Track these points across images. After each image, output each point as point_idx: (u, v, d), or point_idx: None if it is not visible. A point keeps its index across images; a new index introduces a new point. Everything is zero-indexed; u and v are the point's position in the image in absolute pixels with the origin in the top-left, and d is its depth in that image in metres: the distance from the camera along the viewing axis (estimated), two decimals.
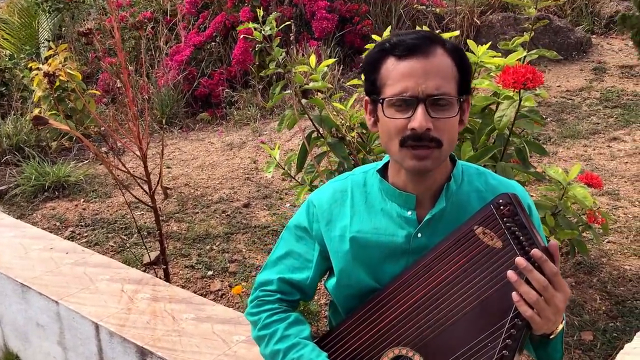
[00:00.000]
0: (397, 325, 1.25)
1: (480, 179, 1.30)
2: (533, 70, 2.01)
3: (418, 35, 1.18)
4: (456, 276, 1.20)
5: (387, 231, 1.28)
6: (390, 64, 1.17)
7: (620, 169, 3.85)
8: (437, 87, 1.14)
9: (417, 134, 1.14)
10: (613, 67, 5.83)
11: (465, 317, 1.19)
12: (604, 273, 2.77)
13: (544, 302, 1.07)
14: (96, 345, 2.12)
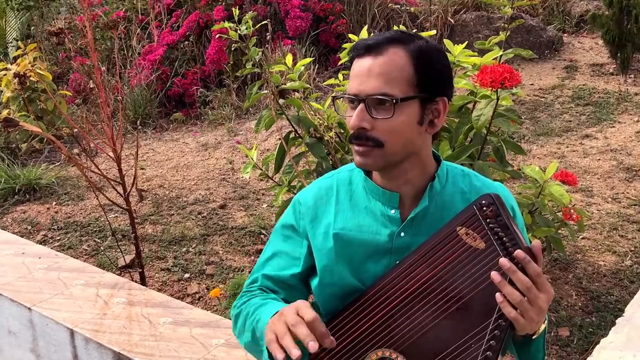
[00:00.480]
0: (380, 328, 1.24)
1: (465, 180, 1.30)
2: (510, 70, 2.02)
3: (378, 37, 1.18)
4: (439, 277, 1.19)
5: (371, 229, 1.27)
6: (353, 64, 1.20)
7: (593, 166, 3.91)
8: (377, 87, 1.14)
9: (354, 133, 1.17)
10: (584, 66, 5.92)
11: (449, 319, 1.19)
12: (579, 269, 2.80)
13: (528, 302, 1.07)
14: (71, 352, 2.08)
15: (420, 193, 1.25)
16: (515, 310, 1.08)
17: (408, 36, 1.20)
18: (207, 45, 6.60)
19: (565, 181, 2.53)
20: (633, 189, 3.54)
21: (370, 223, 1.27)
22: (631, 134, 4.33)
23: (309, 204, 1.33)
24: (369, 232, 1.27)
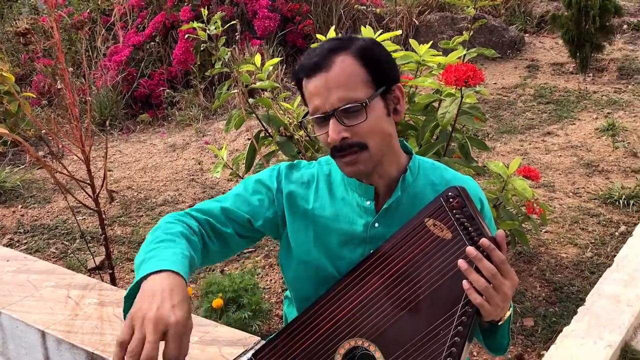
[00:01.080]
0: (353, 318, 1.27)
1: (435, 173, 1.35)
2: (474, 69, 2.08)
3: (319, 51, 1.21)
4: (409, 267, 1.23)
5: (347, 219, 1.31)
6: (304, 85, 1.22)
7: (555, 162, 4.02)
8: (341, 98, 1.17)
9: (336, 146, 1.20)
10: (545, 65, 6.07)
11: (419, 307, 1.23)
12: (543, 262, 2.89)
13: (493, 289, 1.12)
14: (42, 354, 2.07)
15: (393, 185, 1.30)
16: (481, 297, 1.12)
17: (346, 41, 1.23)
18: (174, 46, 6.57)
19: (528, 176, 2.61)
20: (593, 184, 3.66)
21: (347, 213, 1.31)
22: (590, 131, 4.46)
23: (291, 177, 1.35)
24: (346, 221, 1.31)
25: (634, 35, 6.52)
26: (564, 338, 2.20)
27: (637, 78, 5.55)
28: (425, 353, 1.21)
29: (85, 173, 2.85)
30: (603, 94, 5.22)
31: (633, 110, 4.79)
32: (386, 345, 1.25)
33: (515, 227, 2.32)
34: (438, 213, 1.21)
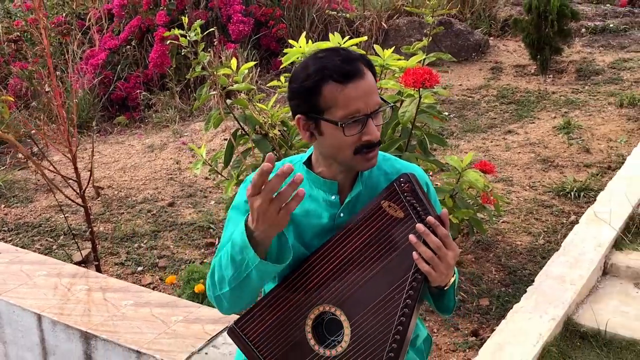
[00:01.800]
0: (321, 287, 1.48)
1: (387, 164, 1.56)
2: (430, 72, 2.31)
3: (348, 59, 1.36)
4: (368, 242, 1.45)
5: (315, 213, 1.50)
6: (334, 88, 1.34)
7: (514, 159, 4.29)
8: (376, 102, 1.36)
9: (372, 143, 1.38)
10: (508, 67, 6.37)
11: (376, 276, 1.44)
12: (499, 249, 3.14)
13: (438, 259, 1.33)
14: (38, 335, 2.24)
15: (353, 179, 1.51)
16: (428, 265, 1.34)
17: (357, 53, 1.43)
18: (149, 50, 6.72)
19: (484, 170, 2.86)
20: (548, 178, 3.93)
21: (315, 208, 1.51)
22: (548, 129, 4.75)
23: None
24: (314, 216, 1.51)
25: (591, 38, 6.86)
26: (514, 314, 2.44)
27: (593, 79, 5.87)
28: (383, 314, 1.43)
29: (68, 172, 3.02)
30: (561, 94, 5.52)
31: (588, 109, 5.10)
32: (349, 309, 1.47)
33: (470, 215, 2.55)
34: (392, 196, 1.43)
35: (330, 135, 1.37)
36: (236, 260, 1.34)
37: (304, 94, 1.37)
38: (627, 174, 3.46)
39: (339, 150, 1.39)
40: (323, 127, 1.37)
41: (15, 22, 8.20)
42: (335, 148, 1.39)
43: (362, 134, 1.35)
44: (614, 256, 2.83)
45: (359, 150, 1.37)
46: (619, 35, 6.84)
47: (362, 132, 1.35)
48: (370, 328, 1.44)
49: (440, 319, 2.61)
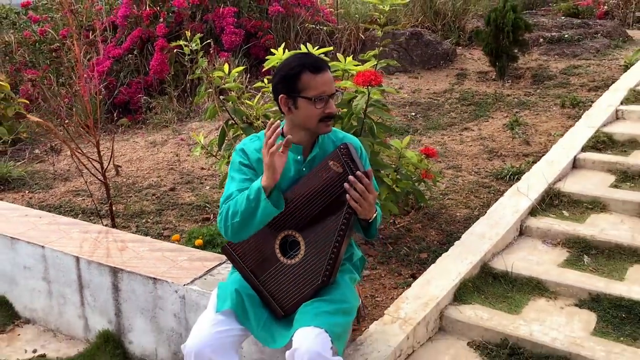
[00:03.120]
0: (285, 218, 2.20)
1: (334, 135, 2.29)
2: (375, 74, 3.03)
3: (318, 59, 2.14)
4: (318, 187, 2.16)
5: (286, 168, 2.21)
6: (309, 76, 2.08)
7: (465, 150, 5.02)
8: (334, 89, 2.13)
9: (331, 115, 2.13)
10: (472, 73, 7.12)
11: (322, 210, 2.16)
12: (442, 219, 3.86)
13: (363, 199, 2.05)
14: (76, 273, 2.94)
15: (312, 144, 2.23)
16: (356, 204, 2.06)
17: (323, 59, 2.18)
18: (150, 58, 7.43)
19: (427, 154, 3.59)
20: (491, 165, 4.66)
21: (290, 166, 2.23)
22: (499, 126, 5.49)
23: (251, 150, 2.25)
24: (286, 170, 2.22)
25: (548, 47, 7.63)
26: (442, 260, 3.16)
27: (546, 84, 6.62)
28: (326, 236, 2.15)
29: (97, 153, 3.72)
30: (515, 96, 6.27)
31: (537, 109, 5.84)
32: (304, 233, 2.19)
33: (409, 185, 3.28)
34: (335, 157, 2.15)
35: (304, 108, 2.12)
36: (250, 198, 2.08)
37: (288, 79, 2.12)
38: (549, 158, 4.20)
39: (309, 119, 2.13)
40: (299, 102, 2.12)
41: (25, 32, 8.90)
42: (307, 117, 2.13)
43: (325, 108, 2.10)
44: (529, 220, 3.56)
45: (322, 120, 2.13)
46: (572, 44, 7.61)
47: (325, 107, 2.09)
48: (317, 245, 2.16)
49: (388, 267, 3.33)
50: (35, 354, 2.97)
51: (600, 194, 3.73)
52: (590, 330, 2.73)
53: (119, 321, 2.87)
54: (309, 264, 2.18)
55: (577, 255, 3.28)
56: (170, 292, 2.65)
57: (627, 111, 4.90)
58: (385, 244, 3.61)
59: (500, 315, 2.82)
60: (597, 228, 3.43)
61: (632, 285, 2.95)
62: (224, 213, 2.15)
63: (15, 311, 3.28)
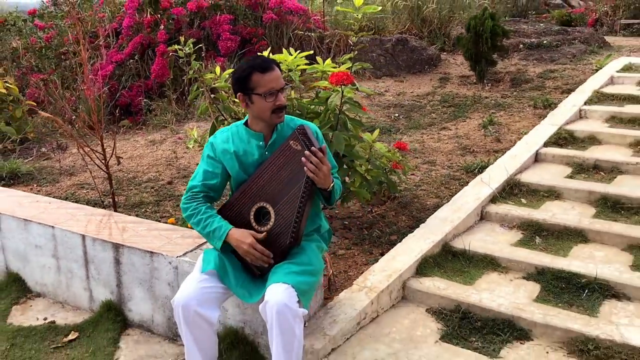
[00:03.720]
0: (257, 192, 2.59)
1: (292, 122, 2.69)
2: (347, 74, 3.43)
3: (265, 60, 2.54)
4: (282, 164, 2.56)
5: (251, 152, 2.62)
6: (258, 76, 2.50)
7: (442, 147, 5.42)
8: (282, 84, 2.53)
9: (282, 107, 2.52)
10: (454, 77, 7.52)
11: (287, 183, 2.55)
12: (414, 207, 4.25)
13: (318, 170, 2.45)
14: (82, 250, 3.33)
15: (272, 131, 2.62)
16: (313, 174, 2.46)
17: (273, 59, 2.58)
18: (150, 63, 7.84)
19: (400, 147, 3.98)
20: (463, 160, 5.05)
21: (251, 150, 2.63)
22: (474, 126, 5.88)
23: (218, 143, 2.66)
24: (250, 154, 2.62)
25: (527, 53, 8.03)
26: (407, 240, 3.55)
27: (523, 87, 7.02)
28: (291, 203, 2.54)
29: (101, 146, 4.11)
30: (493, 98, 6.67)
31: (511, 110, 6.24)
32: (273, 203, 2.58)
33: (379, 174, 3.67)
34: (294, 137, 2.55)
35: (257, 103, 2.53)
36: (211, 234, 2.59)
37: (241, 80, 2.55)
38: (512, 153, 4.59)
39: (263, 111, 2.54)
40: (253, 98, 2.53)
41: (31, 39, 9.33)
42: (261, 110, 2.55)
43: (275, 101, 2.49)
44: (489, 207, 3.95)
45: (274, 111, 2.53)
46: (551, 50, 8.02)
47: (275, 100, 2.49)
48: (284, 213, 2.56)
49: (361, 248, 3.71)
50: (46, 321, 3.36)
51: (555, 184, 4.12)
52: (533, 298, 3.12)
53: (120, 292, 3.27)
54: (278, 228, 2.57)
55: (530, 236, 3.67)
56: (165, 263, 3.04)
57: (589, 111, 5.30)
58: (361, 229, 4.00)
59: (455, 286, 3.21)
60: (550, 213, 3.82)
61: (573, 261, 3.34)
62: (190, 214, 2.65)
63: (27, 286, 3.67)
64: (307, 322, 2.85)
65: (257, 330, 2.86)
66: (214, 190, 2.70)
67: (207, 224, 2.59)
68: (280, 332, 2.33)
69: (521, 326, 2.93)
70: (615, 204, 3.87)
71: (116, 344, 3.12)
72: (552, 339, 2.86)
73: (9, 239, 3.64)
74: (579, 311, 2.98)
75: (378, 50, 7.68)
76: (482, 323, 2.99)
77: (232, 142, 2.66)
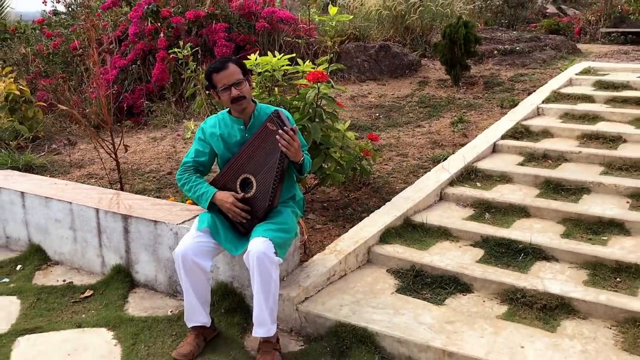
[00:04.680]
0: (242, 166, 3.18)
1: (267, 109, 3.29)
2: (322, 73, 4.03)
3: (221, 61, 3.15)
4: (261, 143, 3.15)
5: (234, 135, 3.23)
6: (215, 76, 3.12)
7: (415, 142, 6.02)
8: (235, 79, 3.11)
9: (234, 98, 3.12)
10: (432, 80, 8.14)
11: (264, 157, 3.14)
12: (384, 191, 4.84)
13: (290, 145, 3.04)
14: (95, 222, 3.91)
15: (250, 117, 3.22)
16: (285, 149, 3.05)
17: (232, 58, 3.19)
18: (151, 68, 8.45)
19: (371, 138, 4.59)
20: (432, 153, 5.65)
21: (233, 133, 3.24)
22: (446, 124, 6.49)
23: (207, 128, 3.27)
24: (233, 136, 3.23)
25: (501, 58, 8.66)
26: (373, 215, 4.14)
27: (494, 89, 7.64)
28: (269, 174, 3.13)
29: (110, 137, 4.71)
30: (465, 100, 7.28)
31: (481, 110, 6.85)
32: (254, 174, 3.17)
33: (349, 159, 4.26)
34: (271, 120, 3.15)
35: (221, 96, 3.18)
36: (200, 197, 3.18)
37: (208, 81, 3.21)
38: (473, 144, 5.20)
39: (226, 103, 3.20)
40: (218, 93, 3.16)
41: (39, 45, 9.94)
42: (224, 102, 3.20)
43: (230, 94, 3.11)
44: (447, 189, 4.55)
45: (232, 102, 3.16)
46: (523, 55, 8.64)
47: (230, 93, 3.10)
48: (264, 181, 3.14)
49: (336, 224, 4.30)
50: (65, 282, 3.94)
51: (507, 170, 4.73)
52: (476, 260, 3.71)
53: (128, 256, 3.85)
54: (260, 194, 3.15)
55: (480, 212, 4.27)
56: (166, 230, 3.62)
57: (546, 108, 5.91)
58: (337, 209, 4.59)
59: (412, 251, 3.80)
60: (499, 193, 4.42)
61: (514, 231, 3.93)
62: (183, 183, 3.27)
63: (47, 255, 4.25)
64: (285, 277, 3.43)
65: (244, 283, 3.44)
66: (203, 165, 3.30)
67: (197, 189, 3.18)
68: (260, 274, 2.91)
69: (464, 281, 3.52)
70: (557, 186, 4.47)
71: (125, 299, 3.71)
72: (489, 291, 3.45)
73: (32, 214, 4.23)
74: (513, 270, 3.57)
75: (362, 56, 8.29)
76: (432, 279, 3.58)
77: (218, 127, 3.26)
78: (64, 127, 8.01)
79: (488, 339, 2.99)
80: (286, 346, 3.20)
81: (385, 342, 3.06)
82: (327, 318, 3.21)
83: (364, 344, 3.08)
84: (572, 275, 3.49)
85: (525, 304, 3.30)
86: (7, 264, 4.22)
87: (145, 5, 8.62)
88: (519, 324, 3.13)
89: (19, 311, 3.57)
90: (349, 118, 6.68)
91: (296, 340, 3.28)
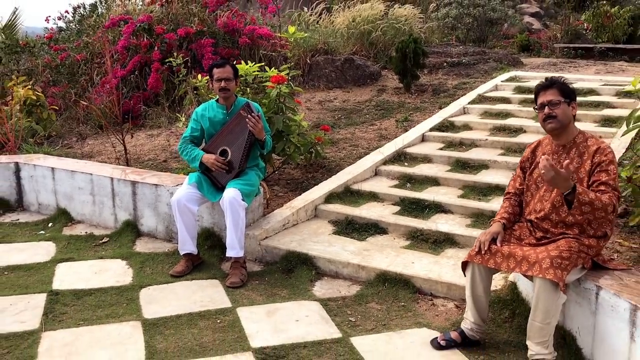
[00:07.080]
0: (221, 141, 4.51)
1: (243, 101, 4.64)
2: (282, 77, 5.36)
3: (224, 61, 4.49)
4: (235, 124, 4.49)
5: (218, 117, 4.58)
6: (215, 69, 4.49)
7: (366, 136, 7.35)
8: (226, 75, 4.46)
9: (222, 88, 4.47)
10: (389, 88, 9.51)
11: (238, 135, 4.48)
12: (336, 171, 6.15)
13: (255, 126, 4.37)
14: (110, 188, 5.21)
15: (231, 105, 4.56)
16: (252, 129, 4.38)
17: (228, 61, 4.53)
18: (147, 77, 9.76)
19: (324, 129, 5.93)
20: (377, 144, 6.98)
21: (218, 115, 4.60)
22: (393, 122, 7.84)
23: (199, 111, 4.62)
24: (218, 119, 4.58)
25: (449, 69, 10.05)
26: (321, 184, 5.47)
27: (439, 95, 9.01)
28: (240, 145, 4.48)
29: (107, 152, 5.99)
30: (414, 104, 8.65)
31: (425, 111, 8.21)
32: (230, 146, 4.51)
33: (304, 142, 5.59)
34: (243, 108, 4.50)
35: (214, 85, 4.53)
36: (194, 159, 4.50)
37: (209, 72, 4.58)
38: (406, 135, 6.55)
39: (216, 90, 4.56)
40: (214, 83, 4.51)
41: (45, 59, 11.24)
42: (215, 90, 4.57)
43: (220, 85, 4.47)
44: (381, 167, 5.89)
45: (220, 91, 4.51)
46: (469, 67, 10.04)
47: (220, 84, 4.45)
48: (237, 151, 4.48)
49: (294, 193, 5.61)
50: (87, 233, 5.22)
51: (429, 153, 6.08)
52: (393, 212, 5.03)
53: (135, 213, 5.14)
54: (233, 160, 4.47)
55: (403, 183, 5.61)
56: (164, 191, 4.93)
57: (470, 108, 7.29)
58: (297, 183, 5.90)
59: (347, 208, 5.12)
60: (419, 169, 5.76)
61: (422, 193, 5.27)
62: (182, 150, 4.57)
63: (72, 216, 5.53)
64: (252, 224, 4.74)
65: (221, 227, 4.75)
66: (196, 139, 4.61)
67: (191, 153, 4.48)
68: (232, 213, 4.22)
69: (382, 226, 4.84)
70: (464, 164, 5.83)
71: (133, 243, 5.00)
72: (399, 232, 4.77)
73: (60, 185, 5.51)
74: (418, 218, 4.90)
75: (330, 67, 9.65)
76: (359, 226, 4.90)
77: (207, 111, 4.58)
78: (72, 127, 9.29)
79: (391, 259, 4.31)
80: (251, 268, 4.51)
81: (319, 263, 4.37)
82: (280, 249, 4.52)
83: (305, 264, 4.40)
84: (460, 221, 4.83)
85: (422, 239, 4.63)
86: (41, 222, 5.51)
87: (138, 24, 9.96)
88: (415, 251, 4.46)
89: (55, 250, 4.86)
90: (316, 119, 8.02)
91: (259, 265, 4.59)
